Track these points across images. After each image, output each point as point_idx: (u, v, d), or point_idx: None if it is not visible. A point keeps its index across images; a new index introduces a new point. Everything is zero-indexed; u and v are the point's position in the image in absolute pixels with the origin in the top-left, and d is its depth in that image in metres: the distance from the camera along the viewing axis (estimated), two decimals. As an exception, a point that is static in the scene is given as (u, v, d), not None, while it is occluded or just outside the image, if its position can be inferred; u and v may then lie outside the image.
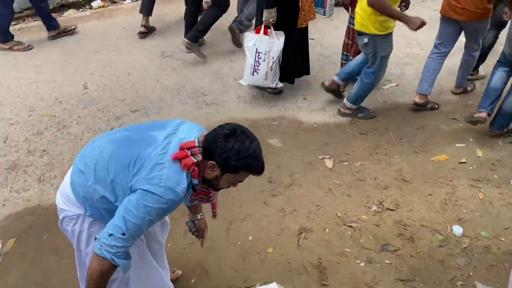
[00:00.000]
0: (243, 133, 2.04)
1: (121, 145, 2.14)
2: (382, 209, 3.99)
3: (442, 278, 3.36)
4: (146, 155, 2.03)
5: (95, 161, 2.13)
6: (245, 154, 2.01)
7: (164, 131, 2.12)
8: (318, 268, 3.42)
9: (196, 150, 2.01)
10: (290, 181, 4.34)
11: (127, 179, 2.03)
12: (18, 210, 3.94)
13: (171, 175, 1.99)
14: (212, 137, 2.03)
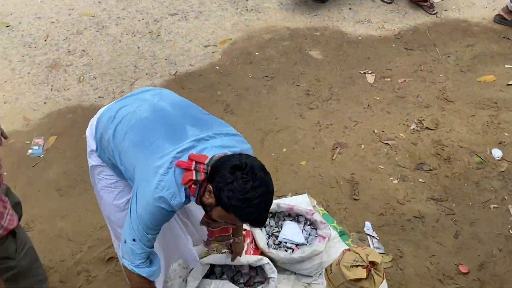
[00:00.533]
0: (252, 172, 1.70)
1: (155, 118, 1.93)
2: (421, 128, 3.91)
3: (476, 200, 3.34)
4: (162, 149, 1.83)
5: (124, 115, 1.98)
6: (240, 196, 1.67)
7: (200, 133, 1.88)
8: (350, 182, 3.44)
9: (202, 168, 1.74)
10: (329, 95, 4.27)
11: (134, 157, 1.88)
12: (59, 108, 4.04)
13: (171, 184, 1.77)
14: (222, 161, 1.73)
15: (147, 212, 1.79)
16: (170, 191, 1.76)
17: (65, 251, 2.90)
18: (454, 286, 2.81)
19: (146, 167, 1.81)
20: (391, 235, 3.09)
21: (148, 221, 1.81)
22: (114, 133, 1.95)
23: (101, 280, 2.75)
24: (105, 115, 2.06)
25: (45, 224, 3.06)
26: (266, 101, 4.18)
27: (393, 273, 2.87)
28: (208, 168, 1.75)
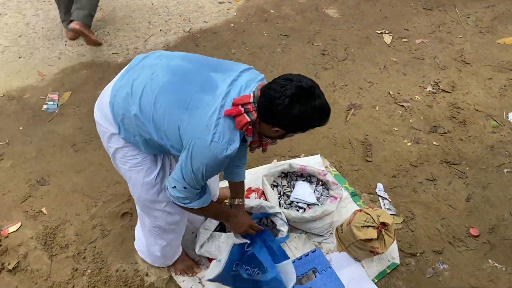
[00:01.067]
0: (309, 92, 1.76)
1: (176, 77, 1.88)
2: (437, 90, 3.86)
3: (489, 163, 3.32)
4: (203, 102, 1.81)
5: (143, 86, 1.90)
6: (316, 116, 1.78)
7: (226, 76, 1.87)
8: (364, 144, 3.43)
9: (251, 107, 1.77)
10: (344, 55, 4.21)
11: (176, 119, 1.84)
12: (74, 64, 4.03)
13: (224, 132, 1.79)
14: (270, 97, 1.76)
15: (204, 165, 1.84)
16: (225, 140, 1.79)
17: (80, 205, 2.96)
18: (464, 248, 2.83)
19: (194, 125, 1.81)
20: (403, 197, 3.10)
21: (206, 172, 1.87)
22: (140, 107, 1.90)
23: (116, 234, 2.81)
24: (119, 94, 1.96)
25: (60, 178, 3.11)
26: (280, 61, 4.14)
27: (404, 234, 2.89)
28: (255, 105, 1.79)
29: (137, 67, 1.99)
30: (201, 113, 1.80)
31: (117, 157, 2.15)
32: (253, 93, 1.80)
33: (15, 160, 3.20)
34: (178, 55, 1.99)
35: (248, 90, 1.84)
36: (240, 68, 1.93)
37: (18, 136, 3.38)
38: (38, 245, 2.74)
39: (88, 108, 3.61)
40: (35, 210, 2.91)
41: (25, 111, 3.57)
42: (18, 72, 3.90)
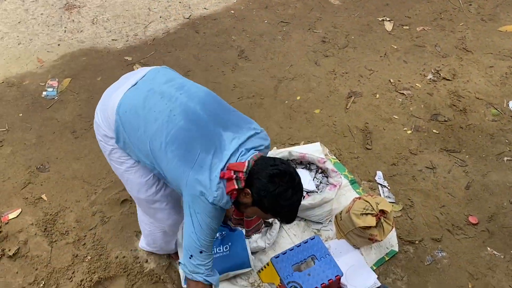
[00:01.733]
0: (291, 180, 1.86)
1: (191, 126, 1.92)
2: (437, 78, 3.85)
3: (489, 151, 3.32)
4: (210, 163, 1.89)
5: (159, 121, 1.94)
6: (283, 202, 1.85)
7: (236, 137, 1.94)
8: (364, 132, 3.42)
9: (242, 176, 1.85)
10: (345, 43, 4.19)
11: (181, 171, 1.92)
12: (73, 50, 4.02)
13: (223, 196, 1.89)
14: (260, 169, 1.86)
15: (211, 218, 1.91)
16: (223, 202, 1.88)
17: (80, 192, 2.96)
18: (463, 236, 2.84)
19: (196, 183, 1.88)
20: (402, 184, 3.10)
21: (213, 225, 1.94)
22: (150, 140, 1.95)
23: (116, 221, 2.82)
24: (130, 111, 1.99)
25: (60, 165, 3.11)
26: (281, 48, 4.12)
27: (403, 222, 2.90)
28: (246, 175, 1.86)
29: (155, 90, 2.00)
30: (205, 174, 1.87)
31: (113, 156, 2.17)
32: (248, 162, 1.87)
33: (15, 147, 3.20)
34: (197, 96, 2.02)
35: (246, 156, 1.92)
36: (250, 129, 2.00)
37: (17, 122, 3.37)
38: (38, 231, 2.75)
39: (88, 95, 3.61)
40: (35, 197, 2.92)
41: (25, 97, 3.56)
42: (18, 59, 3.89)
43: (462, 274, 2.67)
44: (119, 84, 2.12)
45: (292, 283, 2.31)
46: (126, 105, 1.99)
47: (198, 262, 1.98)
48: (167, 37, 4.20)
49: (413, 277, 2.64)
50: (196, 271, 1.99)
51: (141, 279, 2.57)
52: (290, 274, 2.36)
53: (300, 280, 2.33)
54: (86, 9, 4.41)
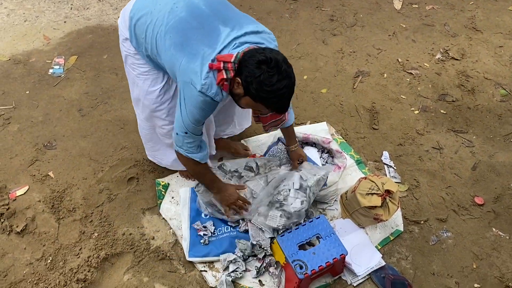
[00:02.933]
0: (277, 66, 1.89)
1: (191, 19, 2.04)
2: (446, 58, 3.81)
3: (497, 132, 3.30)
4: (202, 52, 1.99)
5: (163, 12, 2.08)
6: (267, 88, 1.89)
7: (232, 32, 2.02)
8: (371, 112, 3.41)
9: (230, 66, 1.93)
10: (353, 21, 4.15)
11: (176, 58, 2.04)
12: (79, 28, 4.00)
13: (212, 85, 1.99)
14: (248, 56, 1.91)
15: (196, 108, 2.06)
16: (213, 92, 2.00)
17: (87, 170, 2.98)
18: (468, 217, 2.84)
19: (188, 70, 2.00)
20: (408, 165, 3.10)
21: (198, 115, 2.10)
22: (153, 29, 2.09)
23: (122, 198, 2.84)
24: (141, 8, 2.15)
25: (67, 142, 3.12)
26: (288, 26, 4.09)
27: (408, 202, 2.90)
28: (235, 65, 1.94)
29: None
30: (196, 62, 1.99)
31: (128, 62, 2.37)
32: (237, 53, 1.95)
33: (22, 124, 3.22)
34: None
35: (239, 49, 1.98)
36: (252, 27, 2.08)
37: (24, 100, 3.38)
38: (45, 208, 2.77)
39: (94, 72, 3.60)
40: (42, 174, 2.94)
41: (31, 75, 3.56)
42: (24, 36, 3.88)
43: (467, 254, 2.67)
44: None
45: (297, 262, 2.33)
46: (138, 6, 2.17)
47: (182, 140, 2.22)
48: (174, 15, 4.16)
49: (417, 257, 2.65)
50: (180, 145, 2.25)
51: (148, 255, 2.59)
52: (295, 253, 2.37)
53: (305, 258, 2.35)
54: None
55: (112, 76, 3.58)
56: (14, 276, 2.47)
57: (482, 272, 2.61)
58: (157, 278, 2.51)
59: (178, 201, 2.81)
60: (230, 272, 2.49)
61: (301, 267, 2.31)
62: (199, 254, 2.56)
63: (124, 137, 3.17)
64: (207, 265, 2.56)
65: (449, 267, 2.62)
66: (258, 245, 2.52)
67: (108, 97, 3.43)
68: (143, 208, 2.79)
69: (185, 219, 2.69)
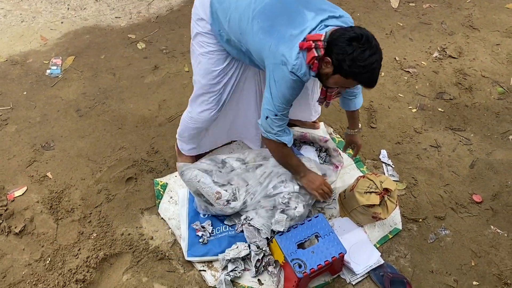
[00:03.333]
0: (368, 42, 1.92)
1: (276, 4, 2.11)
2: (443, 56, 3.82)
3: (494, 130, 3.31)
4: (290, 35, 2.04)
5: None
6: (361, 63, 1.92)
7: (317, 16, 2.06)
8: (368, 110, 3.41)
9: (321, 44, 1.97)
10: (350, 19, 4.15)
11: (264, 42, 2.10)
12: (76, 28, 4.00)
13: (302, 66, 2.03)
14: (338, 35, 1.95)
15: (288, 88, 2.12)
16: (302, 72, 2.05)
17: (85, 170, 2.97)
18: (467, 214, 2.85)
19: (278, 52, 2.06)
20: (406, 163, 3.10)
21: (289, 95, 2.16)
22: (240, 15, 2.16)
23: (121, 199, 2.83)
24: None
25: (65, 143, 3.12)
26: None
27: (406, 200, 2.90)
28: (325, 44, 1.97)
29: None
30: (286, 44, 2.04)
31: (197, 38, 2.45)
32: (325, 32, 1.99)
33: (19, 125, 3.21)
34: None
35: (325, 30, 2.02)
36: (333, 12, 2.11)
37: (22, 101, 3.38)
38: (44, 209, 2.77)
39: (92, 72, 3.60)
40: (40, 175, 2.93)
41: (29, 76, 3.56)
42: (21, 37, 3.87)
43: (465, 252, 2.68)
44: None
45: (296, 260, 2.33)
46: None
47: (271, 123, 2.28)
48: (171, 15, 4.17)
49: (416, 255, 2.66)
50: (269, 130, 2.32)
51: (146, 256, 2.59)
52: (294, 252, 2.37)
53: (303, 257, 2.35)
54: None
55: (110, 76, 3.58)
56: (13, 277, 2.47)
57: (480, 269, 2.61)
58: (156, 278, 2.51)
59: (177, 201, 2.81)
60: (229, 272, 2.49)
61: (300, 266, 2.32)
62: (198, 253, 2.55)
63: (122, 137, 3.16)
64: (206, 264, 2.56)
65: (448, 265, 2.63)
66: (255, 246, 2.52)
67: (105, 97, 3.42)
68: (142, 208, 2.79)
69: (184, 219, 2.69)
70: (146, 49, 3.82)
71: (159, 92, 3.46)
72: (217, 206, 2.58)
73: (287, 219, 2.49)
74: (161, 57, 3.75)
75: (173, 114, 3.30)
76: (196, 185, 2.58)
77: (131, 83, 3.53)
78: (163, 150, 3.09)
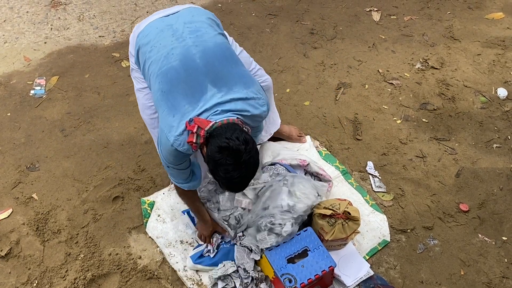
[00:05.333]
0: (236, 157, 1.91)
1: (181, 71, 2.06)
2: (426, 67, 3.86)
3: (479, 139, 3.34)
4: (183, 109, 2.01)
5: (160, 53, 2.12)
6: (221, 174, 1.94)
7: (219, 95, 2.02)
8: (354, 122, 3.43)
9: (202, 133, 1.93)
10: (333, 34, 4.19)
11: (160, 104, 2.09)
12: (60, 48, 3.99)
13: (184, 143, 2.00)
14: (218, 135, 1.92)
15: (170, 155, 2.09)
16: (184, 147, 2.01)
17: (71, 190, 2.95)
18: (454, 224, 2.86)
19: (167, 120, 2.04)
20: (393, 174, 3.12)
21: (172, 159, 2.13)
22: (149, 66, 2.16)
23: (108, 218, 2.81)
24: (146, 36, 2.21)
25: (50, 163, 3.09)
26: (269, 40, 4.12)
27: (394, 211, 2.91)
28: (207, 134, 1.94)
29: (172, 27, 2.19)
30: (175, 116, 2.01)
31: (132, 74, 2.48)
32: (214, 122, 1.95)
33: (3, 147, 3.18)
34: (205, 44, 2.13)
35: (219, 117, 1.98)
36: (241, 93, 2.05)
37: (6, 122, 3.35)
38: (30, 231, 2.74)
39: (76, 92, 3.58)
40: (26, 196, 2.90)
41: (13, 97, 3.53)
42: (4, 58, 3.85)
43: (454, 261, 2.69)
44: (158, 12, 2.34)
45: (286, 275, 2.32)
46: (145, 32, 2.23)
47: (168, 172, 2.28)
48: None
49: (405, 265, 2.66)
50: (170, 176, 2.33)
51: (135, 275, 2.56)
52: (284, 266, 2.36)
53: (293, 272, 2.34)
54: (72, 6, 4.38)
55: (94, 95, 3.56)
56: (-1, 302, 2.43)
57: (470, 278, 2.62)
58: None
59: (164, 219, 2.79)
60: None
61: (290, 280, 2.31)
62: (206, 263, 2.58)
63: (107, 156, 3.15)
64: (195, 282, 2.54)
65: (437, 274, 2.63)
66: (243, 269, 2.50)
67: (90, 116, 3.41)
68: (129, 227, 2.77)
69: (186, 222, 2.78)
70: (130, 67, 3.81)
71: (145, 110, 3.46)
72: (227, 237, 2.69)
73: (273, 236, 2.47)
74: (146, 75, 3.75)
75: (159, 131, 3.29)
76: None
77: (116, 101, 3.52)
78: (149, 168, 3.08)
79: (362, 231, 2.75)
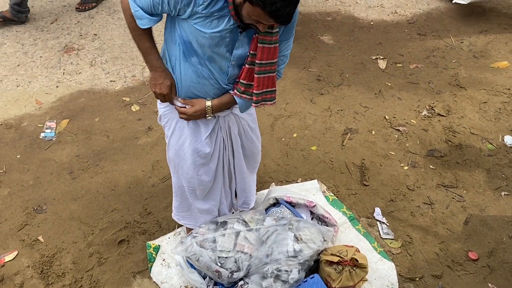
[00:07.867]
0: None
1: None
2: (432, 114, 3.89)
3: (486, 187, 3.33)
4: None
5: None
6: None
7: None
8: (360, 168, 3.43)
9: None
10: (340, 81, 4.25)
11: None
12: (71, 92, 4.06)
13: None
14: None
15: None
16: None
17: (77, 233, 2.94)
18: (463, 272, 2.82)
19: None
20: (401, 221, 3.09)
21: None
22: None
23: (113, 262, 2.79)
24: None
25: (57, 206, 3.10)
26: (276, 86, 4.17)
27: (402, 259, 2.88)
28: None
29: None
30: None
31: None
32: None
33: (12, 188, 3.20)
34: None
35: None
36: None
37: (15, 164, 3.38)
38: (34, 273, 2.72)
39: (86, 135, 3.62)
40: (31, 239, 2.89)
41: (23, 139, 3.58)
42: (16, 101, 3.92)
43: (464, 311, 2.63)
44: None
45: (292, 323, 2.28)
46: None
47: None
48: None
49: (414, 315, 2.60)
50: None
51: (139, 321, 2.53)
52: (290, 314, 2.32)
53: (300, 320, 2.30)
54: (84, 52, 4.49)
55: (103, 139, 3.60)
56: None
57: (480, 329, 2.56)
58: None
59: (169, 264, 2.77)
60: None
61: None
62: None
63: (114, 199, 3.15)
64: (200, 329, 2.49)
65: (447, 325, 2.57)
66: None
67: (99, 159, 3.43)
68: (134, 272, 2.75)
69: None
70: (140, 111, 3.87)
71: (153, 153, 3.48)
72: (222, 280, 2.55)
73: (280, 284, 2.43)
74: (155, 118, 3.80)
75: (166, 174, 3.31)
76: (195, 263, 2.55)
77: (125, 144, 3.56)
78: (155, 211, 3.08)
79: (370, 279, 2.70)
